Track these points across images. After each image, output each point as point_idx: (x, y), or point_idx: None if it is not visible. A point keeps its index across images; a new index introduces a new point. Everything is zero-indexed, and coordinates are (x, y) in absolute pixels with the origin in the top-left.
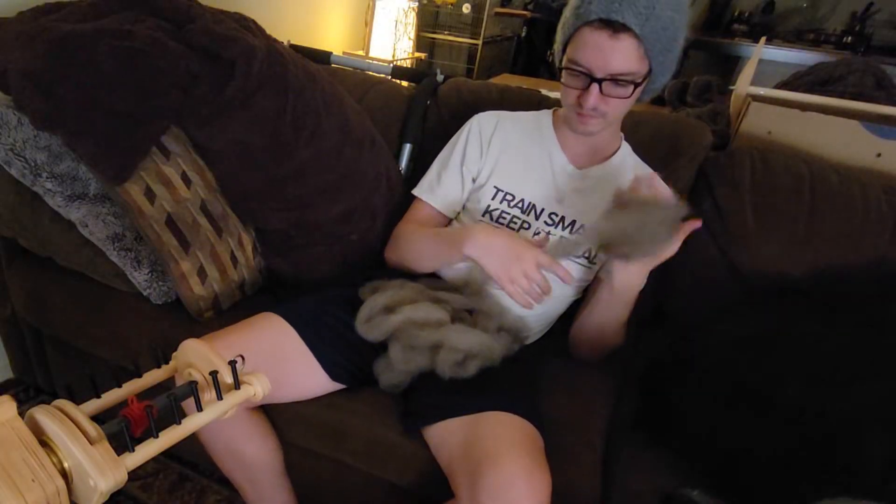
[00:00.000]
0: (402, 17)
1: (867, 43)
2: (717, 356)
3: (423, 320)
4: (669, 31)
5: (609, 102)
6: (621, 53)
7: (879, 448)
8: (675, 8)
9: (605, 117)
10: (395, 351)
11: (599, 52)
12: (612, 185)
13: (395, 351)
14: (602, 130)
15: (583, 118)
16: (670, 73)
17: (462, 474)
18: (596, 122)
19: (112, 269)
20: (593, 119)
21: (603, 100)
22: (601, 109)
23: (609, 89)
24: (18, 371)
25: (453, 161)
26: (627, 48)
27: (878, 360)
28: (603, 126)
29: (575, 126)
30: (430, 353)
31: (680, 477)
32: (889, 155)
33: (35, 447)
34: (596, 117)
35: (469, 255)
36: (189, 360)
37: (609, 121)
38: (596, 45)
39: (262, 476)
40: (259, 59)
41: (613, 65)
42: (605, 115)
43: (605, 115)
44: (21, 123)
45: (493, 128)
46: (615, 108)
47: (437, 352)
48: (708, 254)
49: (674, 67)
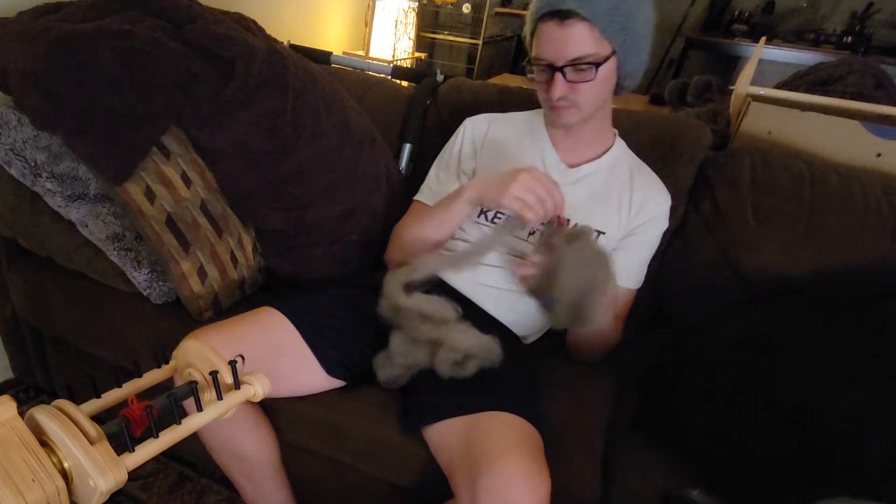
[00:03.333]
0: (402, 17)
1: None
2: (718, 356)
3: (430, 314)
4: (622, 10)
5: (577, 89)
6: (573, 38)
7: (879, 448)
8: None
9: (578, 106)
10: (396, 343)
11: (554, 42)
12: (605, 183)
13: (396, 343)
14: (582, 121)
15: (556, 110)
16: (642, 54)
17: (461, 474)
18: (570, 112)
19: (112, 269)
20: (566, 109)
21: (570, 87)
22: (571, 98)
23: (573, 75)
24: (18, 371)
25: (449, 164)
26: (578, 32)
27: (878, 360)
28: (579, 116)
29: (553, 120)
30: (430, 349)
31: (680, 477)
32: (889, 155)
33: (35, 447)
34: (569, 107)
35: (470, 196)
36: (189, 360)
37: (584, 109)
38: (550, 37)
39: (260, 473)
40: (259, 59)
41: (569, 51)
42: (577, 103)
43: (577, 104)
44: (21, 123)
45: (485, 129)
46: (585, 94)
47: (437, 350)
48: (708, 254)
49: (644, 49)
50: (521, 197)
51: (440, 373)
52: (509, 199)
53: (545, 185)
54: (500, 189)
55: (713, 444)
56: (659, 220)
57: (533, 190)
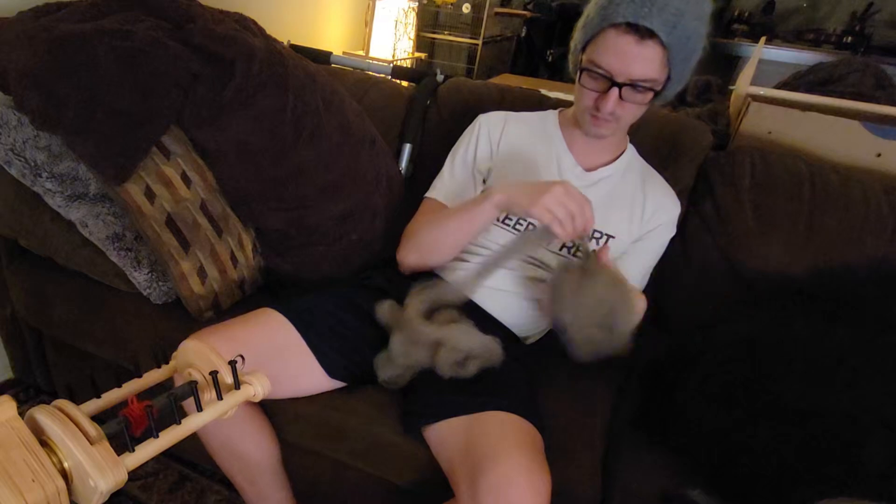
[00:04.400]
0: (402, 17)
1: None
2: (718, 356)
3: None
4: (692, 42)
5: (625, 107)
6: (645, 60)
7: (879, 448)
8: (699, 18)
9: (619, 122)
10: (396, 343)
11: (623, 57)
12: (619, 188)
13: (396, 343)
14: (614, 133)
15: (597, 121)
16: (684, 83)
17: (462, 474)
18: (609, 126)
19: (112, 269)
20: (608, 123)
21: (620, 104)
22: (617, 114)
23: (628, 94)
24: (18, 371)
25: (465, 161)
26: (652, 55)
27: (878, 360)
28: (615, 130)
29: (588, 128)
30: (431, 350)
31: (680, 477)
32: (889, 155)
33: (35, 447)
34: (611, 122)
35: (498, 201)
36: (189, 360)
37: (622, 125)
38: (620, 50)
39: (261, 474)
40: (259, 59)
41: (636, 71)
42: (620, 119)
43: (619, 120)
44: (21, 123)
45: (501, 128)
46: (630, 112)
47: (438, 350)
48: (708, 254)
49: (688, 77)
50: (553, 209)
51: (441, 373)
52: (540, 210)
53: (578, 202)
54: (533, 198)
55: (713, 443)
56: (668, 227)
57: (565, 204)
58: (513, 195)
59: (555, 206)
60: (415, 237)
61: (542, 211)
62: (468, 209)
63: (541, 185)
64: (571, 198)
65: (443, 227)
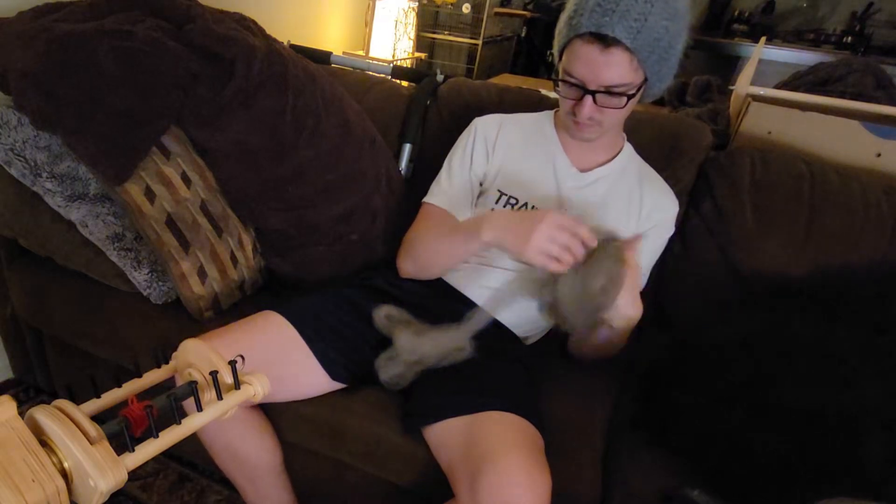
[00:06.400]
0: (402, 17)
1: (867, 43)
2: (718, 356)
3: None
4: (664, 41)
5: (604, 112)
6: (613, 67)
7: (879, 448)
8: (669, 17)
9: (601, 125)
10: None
11: (592, 66)
12: (616, 187)
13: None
14: (601, 136)
15: (579, 126)
16: (669, 78)
17: (462, 474)
18: (592, 130)
19: (112, 269)
20: (590, 127)
21: (598, 109)
22: (597, 118)
23: (603, 100)
24: (18, 371)
25: (462, 165)
26: (619, 62)
27: (878, 360)
28: (600, 133)
29: (573, 133)
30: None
31: (680, 477)
32: (889, 155)
33: (35, 447)
34: (592, 126)
35: (488, 241)
36: (189, 360)
37: (606, 127)
38: (587, 59)
39: (261, 475)
40: (259, 59)
41: (605, 78)
42: (602, 123)
43: (601, 124)
44: (21, 123)
45: (496, 131)
46: (612, 116)
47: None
48: (708, 254)
49: (673, 72)
50: (546, 249)
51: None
52: (532, 254)
53: (569, 230)
54: (522, 240)
55: (713, 443)
56: (666, 226)
57: (555, 239)
58: (501, 237)
59: (547, 245)
60: (412, 249)
61: (535, 254)
62: (459, 238)
63: (526, 223)
64: (561, 229)
65: (434, 247)
